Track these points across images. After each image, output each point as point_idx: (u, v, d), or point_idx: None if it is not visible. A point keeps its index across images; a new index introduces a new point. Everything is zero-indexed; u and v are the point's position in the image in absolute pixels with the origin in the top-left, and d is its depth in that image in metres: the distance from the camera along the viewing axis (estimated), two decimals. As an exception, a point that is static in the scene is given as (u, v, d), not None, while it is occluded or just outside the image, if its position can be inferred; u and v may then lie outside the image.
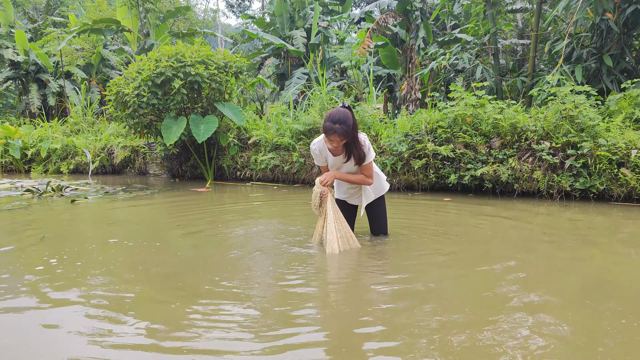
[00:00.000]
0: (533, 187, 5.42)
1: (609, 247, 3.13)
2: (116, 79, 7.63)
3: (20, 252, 3.10)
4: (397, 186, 6.35)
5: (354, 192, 3.34)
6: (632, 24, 6.44)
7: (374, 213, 3.38)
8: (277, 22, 14.50)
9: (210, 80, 7.42)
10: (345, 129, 2.81)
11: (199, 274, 2.52)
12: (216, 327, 1.81)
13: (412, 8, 10.90)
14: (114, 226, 4.14)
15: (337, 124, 2.80)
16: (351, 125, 2.84)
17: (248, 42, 23.34)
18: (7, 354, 1.63)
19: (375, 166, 3.32)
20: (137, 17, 13.68)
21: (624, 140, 5.02)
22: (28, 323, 1.90)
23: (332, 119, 2.81)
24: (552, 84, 5.67)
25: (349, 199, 3.39)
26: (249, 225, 3.97)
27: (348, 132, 2.83)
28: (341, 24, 21.24)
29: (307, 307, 2.04)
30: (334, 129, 2.80)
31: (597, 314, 1.91)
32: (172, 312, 1.98)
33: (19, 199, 5.95)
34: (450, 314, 1.91)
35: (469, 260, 2.77)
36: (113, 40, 17.51)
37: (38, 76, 15.93)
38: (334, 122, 2.80)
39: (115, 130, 10.91)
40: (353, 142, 2.94)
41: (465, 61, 8.05)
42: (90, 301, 2.13)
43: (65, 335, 1.77)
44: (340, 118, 2.81)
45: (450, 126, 5.97)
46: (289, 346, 1.65)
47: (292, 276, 2.48)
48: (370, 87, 9.51)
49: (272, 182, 7.82)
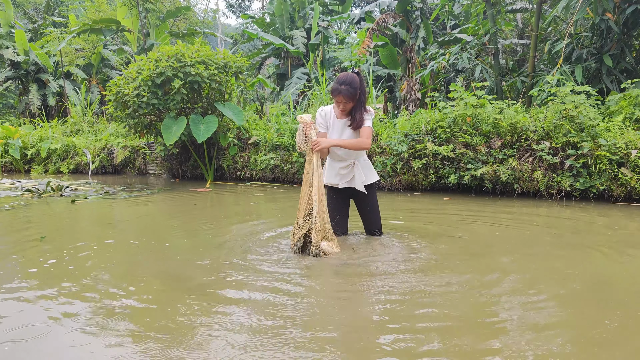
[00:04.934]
0: (533, 187, 5.42)
1: (609, 247, 3.13)
2: (116, 79, 7.62)
3: (20, 252, 3.10)
4: (397, 186, 6.35)
5: (347, 173, 3.19)
6: (632, 24, 6.43)
7: (367, 205, 3.28)
8: (277, 22, 14.50)
9: (210, 80, 7.42)
10: (350, 90, 2.89)
11: (199, 275, 2.52)
12: (215, 327, 1.81)
13: (412, 8, 10.89)
14: (113, 226, 4.14)
15: (343, 85, 2.89)
16: (357, 88, 2.92)
17: (248, 42, 23.34)
18: (2, 353, 1.63)
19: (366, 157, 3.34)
20: (137, 17, 13.68)
21: (624, 140, 5.02)
22: (26, 323, 1.89)
23: (339, 81, 2.92)
24: (552, 84, 5.67)
25: (340, 181, 3.21)
26: (249, 226, 3.97)
27: (353, 94, 2.91)
28: (341, 24, 21.24)
29: (306, 310, 2.04)
30: (339, 89, 2.90)
31: (597, 313, 1.91)
32: (171, 312, 1.98)
33: (19, 199, 5.95)
34: (447, 314, 1.91)
35: (468, 260, 2.77)
36: (113, 40, 17.50)
37: (38, 76, 15.93)
38: (340, 83, 2.90)
39: (115, 130, 10.91)
40: (359, 106, 3.00)
41: (465, 61, 8.04)
42: (90, 301, 2.12)
43: (64, 335, 1.77)
44: (346, 80, 2.91)
45: (450, 126, 5.97)
46: (286, 346, 1.65)
47: (292, 276, 2.48)
48: (370, 87, 9.51)
49: (272, 182, 7.82)
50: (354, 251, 2.97)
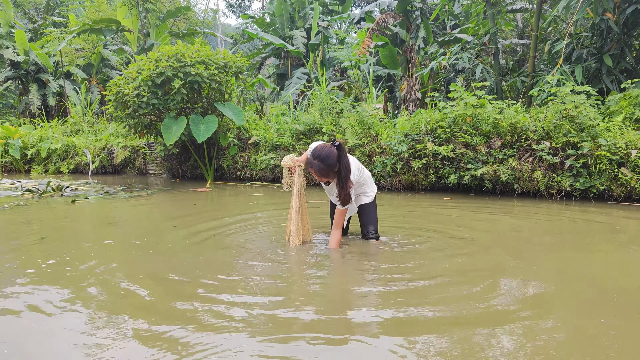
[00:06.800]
0: (533, 187, 5.42)
1: (609, 247, 3.13)
2: (116, 79, 7.63)
3: (20, 252, 3.10)
4: (397, 186, 6.35)
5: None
6: (632, 24, 6.44)
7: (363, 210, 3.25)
8: (277, 22, 14.50)
9: (210, 80, 7.42)
10: (322, 167, 2.79)
11: (199, 275, 2.52)
12: (216, 327, 1.81)
13: (412, 8, 10.90)
14: (113, 226, 4.14)
15: (318, 160, 2.79)
16: (332, 165, 2.79)
17: (248, 42, 23.35)
18: (1, 356, 1.63)
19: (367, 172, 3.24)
20: (137, 17, 13.68)
21: (624, 140, 5.02)
22: (24, 323, 1.89)
23: (314, 153, 2.82)
24: (552, 84, 5.67)
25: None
26: (249, 226, 3.97)
27: (326, 171, 2.81)
28: (341, 24, 21.25)
29: (307, 310, 2.04)
30: (312, 163, 2.83)
31: (596, 314, 1.91)
32: (169, 312, 1.98)
33: (19, 199, 5.95)
34: (446, 313, 1.91)
35: (467, 260, 2.77)
36: (113, 40, 17.51)
37: (38, 76, 15.94)
38: (315, 157, 2.80)
39: (115, 130, 10.92)
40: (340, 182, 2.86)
41: (465, 61, 8.05)
42: (91, 301, 2.13)
43: (63, 335, 1.77)
44: (321, 154, 2.79)
45: (450, 126, 5.97)
46: (288, 345, 1.65)
47: (292, 276, 2.48)
48: (370, 87, 9.52)
49: (272, 182, 7.82)
50: (350, 251, 2.98)
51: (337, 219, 3.03)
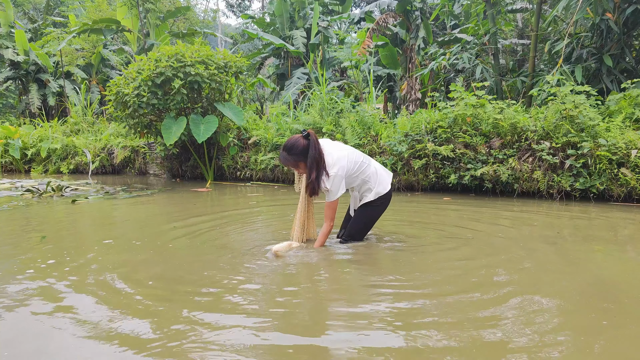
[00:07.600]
0: (533, 187, 5.42)
1: (609, 247, 3.13)
2: (116, 79, 7.63)
3: (20, 252, 3.10)
4: (397, 186, 6.35)
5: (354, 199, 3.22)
6: (632, 24, 6.44)
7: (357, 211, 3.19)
8: (277, 22, 14.51)
9: (210, 80, 7.42)
10: (287, 158, 2.85)
11: (199, 275, 2.52)
12: (217, 327, 1.81)
13: (412, 8, 10.90)
14: (113, 226, 4.14)
15: (284, 150, 2.85)
16: (298, 154, 2.80)
17: (248, 42, 23.35)
18: (3, 358, 1.63)
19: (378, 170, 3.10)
20: (137, 17, 13.68)
21: (624, 140, 5.02)
22: (24, 323, 1.89)
23: (284, 145, 2.87)
24: (552, 84, 5.67)
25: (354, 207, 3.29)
26: (250, 226, 3.97)
27: (293, 162, 2.87)
28: (341, 24, 21.26)
29: (308, 309, 2.04)
30: (280, 155, 2.90)
31: (596, 313, 1.91)
32: (170, 312, 1.98)
33: (19, 199, 5.95)
34: (445, 313, 1.91)
35: (466, 260, 2.77)
36: (113, 40, 17.51)
37: (38, 76, 15.94)
38: (283, 148, 2.86)
39: (115, 130, 10.92)
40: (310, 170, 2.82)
41: (465, 61, 8.04)
42: (91, 301, 2.12)
43: (63, 336, 1.77)
44: (287, 145, 2.85)
45: (450, 126, 5.97)
46: (285, 346, 1.65)
47: (292, 276, 2.48)
48: (370, 87, 9.52)
49: (272, 182, 7.82)
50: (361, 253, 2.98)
51: (325, 212, 2.98)
